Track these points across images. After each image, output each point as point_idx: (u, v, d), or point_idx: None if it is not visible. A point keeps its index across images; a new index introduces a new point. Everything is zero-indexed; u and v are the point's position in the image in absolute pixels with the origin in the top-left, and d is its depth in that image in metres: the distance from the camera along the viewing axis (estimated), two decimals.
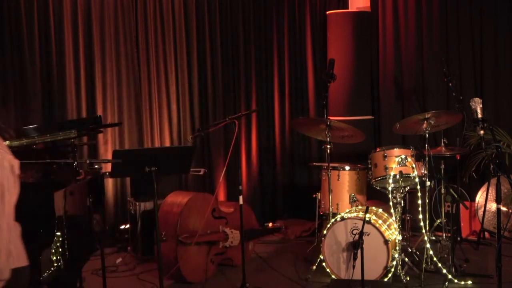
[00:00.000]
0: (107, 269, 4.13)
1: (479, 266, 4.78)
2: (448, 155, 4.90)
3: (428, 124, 4.61)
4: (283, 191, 6.76)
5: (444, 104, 5.92)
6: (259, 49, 6.60)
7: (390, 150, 4.71)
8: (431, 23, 6.18)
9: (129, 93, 6.00)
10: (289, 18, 6.68)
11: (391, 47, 6.40)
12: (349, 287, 4.28)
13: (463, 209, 5.62)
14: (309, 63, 6.77)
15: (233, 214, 4.91)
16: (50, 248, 2.68)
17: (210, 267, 4.74)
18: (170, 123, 6.18)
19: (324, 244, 4.55)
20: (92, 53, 5.82)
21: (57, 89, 5.67)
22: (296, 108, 6.77)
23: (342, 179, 5.10)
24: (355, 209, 4.76)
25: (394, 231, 4.56)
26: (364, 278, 4.14)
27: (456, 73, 5.88)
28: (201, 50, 6.29)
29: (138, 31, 6.01)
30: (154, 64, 6.09)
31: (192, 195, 4.76)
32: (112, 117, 5.91)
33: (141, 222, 5.31)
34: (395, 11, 6.35)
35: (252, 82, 6.58)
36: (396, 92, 6.40)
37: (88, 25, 5.79)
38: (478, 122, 3.62)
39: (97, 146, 5.81)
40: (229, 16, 6.41)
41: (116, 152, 4.10)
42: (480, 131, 3.65)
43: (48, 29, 5.61)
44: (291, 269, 4.92)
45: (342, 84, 6.15)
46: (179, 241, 4.51)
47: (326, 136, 4.81)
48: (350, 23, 6.40)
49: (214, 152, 6.36)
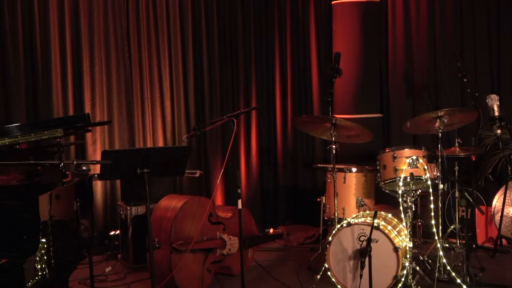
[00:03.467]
0: (95, 278, 4.13)
1: (496, 275, 4.78)
2: (463, 156, 4.91)
3: (441, 122, 4.61)
4: (285, 195, 6.77)
5: (458, 101, 5.94)
6: (259, 42, 6.60)
7: (400, 151, 4.70)
8: (444, 14, 6.19)
9: (120, 89, 6.01)
10: (292, 8, 6.68)
11: (401, 40, 6.40)
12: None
13: (478, 214, 5.63)
14: (313, 57, 6.77)
15: (231, 219, 4.91)
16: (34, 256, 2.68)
17: (206, 276, 4.74)
18: (163, 122, 6.19)
19: (329, 251, 4.56)
20: (79, 46, 5.83)
21: (42, 85, 5.68)
22: (299, 106, 6.78)
23: (348, 181, 5.11)
24: (362, 214, 4.75)
25: (405, 237, 4.56)
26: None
27: (471, 68, 5.89)
28: (197, 43, 6.29)
29: (129, 23, 6.02)
30: (146, 58, 6.10)
31: (187, 199, 4.76)
32: (101, 115, 5.92)
33: (132, 228, 5.31)
34: (406, 1, 6.36)
35: (251, 77, 6.59)
36: (407, 88, 6.41)
37: (76, 16, 5.80)
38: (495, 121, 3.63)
39: (85, 146, 5.83)
40: (227, 5, 6.42)
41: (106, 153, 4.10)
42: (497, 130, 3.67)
43: (33, 21, 5.62)
44: (294, 279, 4.93)
45: (348, 80, 6.17)
46: (173, 249, 4.51)
47: (331, 135, 4.82)
48: (357, 13, 6.40)
49: (211, 152, 6.38)
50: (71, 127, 4.13)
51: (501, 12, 5.92)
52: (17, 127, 3.54)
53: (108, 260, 5.56)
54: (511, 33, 5.91)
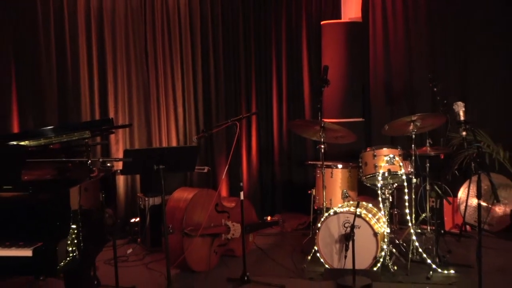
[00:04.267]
0: (118, 259, 4.14)
1: (460, 257, 4.78)
2: (433, 155, 4.91)
3: (415, 126, 4.62)
4: (280, 188, 6.78)
5: (429, 108, 5.93)
6: (259, 56, 6.62)
7: (379, 150, 4.72)
8: (418, 32, 6.19)
9: (139, 97, 6.02)
10: (287, 28, 6.69)
11: (381, 54, 6.41)
12: (341, 275, 4.29)
13: (446, 204, 5.65)
14: (305, 69, 6.78)
15: (234, 208, 4.92)
16: (66, 240, 2.69)
17: (213, 257, 4.75)
18: (176, 125, 6.20)
19: (318, 236, 4.57)
20: (104, 60, 5.84)
21: (72, 94, 5.68)
22: (293, 111, 6.79)
23: (335, 176, 5.12)
24: (347, 204, 4.77)
25: (383, 224, 4.58)
26: (355, 268, 4.15)
27: (442, 79, 5.90)
28: (205, 57, 6.30)
29: (147, 40, 6.03)
30: (161, 70, 6.11)
31: (197, 191, 4.77)
32: (123, 119, 5.92)
33: (150, 216, 5.33)
34: (385, 21, 6.36)
35: (252, 86, 6.60)
36: (386, 96, 6.41)
37: (100, 33, 5.81)
38: (461, 124, 3.63)
39: (109, 145, 5.84)
40: (230, 25, 6.43)
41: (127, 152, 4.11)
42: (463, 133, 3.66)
43: (63, 37, 5.62)
44: (288, 260, 4.93)
45: (335, 89, 6.15)
46: (184, 234, 4.52)
47: (320, 136, 4.82)
48: (343, 32, 6.42)
49: (217, 151, 6.38)
50: (97, 130, 4.13)
51: (468, 32, 5.91)
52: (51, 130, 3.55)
53: (129, 243, 5.57)
54: (475, 51, 5.90)
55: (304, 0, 6.69)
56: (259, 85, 6.64)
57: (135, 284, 4.36)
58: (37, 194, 2.80)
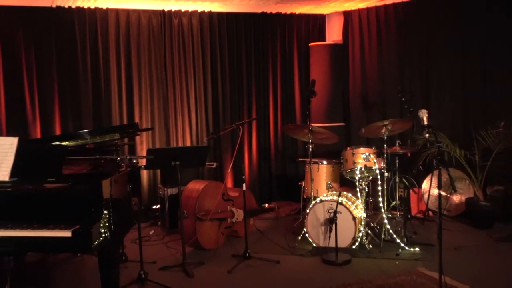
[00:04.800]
0: (142, 238, 4.14)
1: (424, 237, 4.79)
2: (401, 153, 4.91)
3: (386, 129, 4.63)
4: (276, 180, 6.76)
5: (398, 114, 5.92)
6: (258, 72, 6.60)
7: (357, 149, 4.72)
8: (389, 52, 6.18)
9: (159, 105, 6.00)
10: (281, 48, 6.68)
11: (358, 70, 6.39)
12: (326, 252, 4.30)
13: (412, 194, 5.65)
14: (296, 83, 6.76)
15: (238, 197, 4.92)
16: (99, 223, 2.69)
17: (220, 237, 4.76)
18: (190, 128, 6.18)
19: (307, 220, 4.57)
20: (131, 75, 5.83)
21: (104, 102, 5.70)
22: (286, 117, 6.77)
23: (320, 171, 5.12)
24: (330, 193, 4.77)
25: (360, 210, 4.58)
26: (337, 246, 4.16)
27: (408, 91, 5.91)
28: (213, 73, 6.28)
29: (166, 59, 6.01)
30: (178, 83, 6.09)
31: (207, 183, 4.78)
32: (146, 123, 5.91)
33: (168, 203, 5.33)
34: (361, 43, 6.36)
35: (252, 96, 6.58)
36: (362, 104, 6.40)
37: (128, 54, 5.81)
38: (425, 128, 3.62)
39: (135, 145, 5.82)
40: (235, 46, 6.41)
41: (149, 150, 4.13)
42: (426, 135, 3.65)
43: (97, 58, 5.64)
44: (282, 239, 4.93)
45: (321, 99, 6.18)
46: (197, 218, 4.53)
47: (309, 138, 4.83)
48: (327, 52, 6.43)
49: (224, 150, 6.36)
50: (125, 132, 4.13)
51: (429, 52, 5.91)
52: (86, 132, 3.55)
53: (151, 226, 5.57)
54: (435, 67, 5.90)
55: (295, 26, 6.68)
56: (258, 96, 6.62)
57: (156, 259, 4.38)
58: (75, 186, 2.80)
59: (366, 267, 4.08)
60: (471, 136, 5.41)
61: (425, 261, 4.14)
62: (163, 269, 4.15)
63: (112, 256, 2.91)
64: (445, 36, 5.78)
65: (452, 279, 3.67)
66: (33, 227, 2.64)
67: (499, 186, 5.23)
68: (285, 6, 6.33)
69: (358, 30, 6.36)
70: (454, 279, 3.69)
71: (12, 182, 2.78)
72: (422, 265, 4.06)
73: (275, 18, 6.58)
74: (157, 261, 4.32)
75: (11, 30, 5.29)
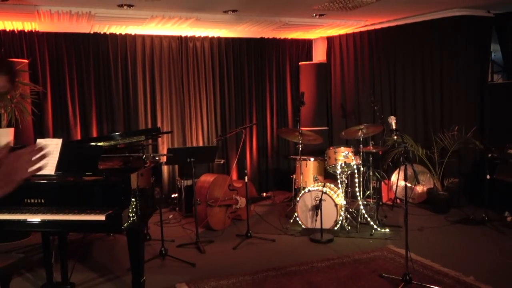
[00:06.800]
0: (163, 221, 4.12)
1: (393, 220, 4.78)
2: (374, 151, 4.91)
3: (362, 132, 4.61)
4: (272, 173, 6.74)
5: (371, 120, 5.91)
6: (257, 85, 6.58)
7: (338, 148, 4.70)
8: (363, 70, 6.16)
9: (177, 112, 5.98)
10: (276, 65, 6.66)
11: (339, 84, 6.37)
12: (313, 233, 4.27)
13: (383, 185, 5.63)
14: (288, 94, 6.74)
15: (241, 187, 4.90)
16: (128, 208, 2.67)
17: (227, 220, 4.74)
18: (202, 131, 6.16)
19: (298, 206, 4.55)
20: (154, 88, 5.81)
21: (133, 110, 5.67)
22: (280, 122, 6.75)
23: (308, 166, 5.11)
24: (316, 185, 4.75)
25: (341, 198, 4.56)
26: (322, 227, 4.13)
27: (379, 101, 5.89)
28: (221, 86, 6.27)
29: (183, 74, 5.99)
30: (192, 95, 6.07)
31: (216, 175, 4.76)
32: (167, 127, 5.89)
33: (185, 193, 5.30)
34: (342, 63, 6.33)
35: (253, 106, 6.56)
36: (342, 112, 6.38)
37: (152, 71, 5.79)
38: (393, 131, 3.61)
39: (157, 145, 5.80)
40: (239, 66, 6.40)
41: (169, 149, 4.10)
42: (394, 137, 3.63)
43: (127, 73, 5.62)
44: (277, 222, 4.92)
45: (309, 107, 6.17)
46: (208, 204, 4.51)
47: (299, 139, 4.82)
48: (313, 69, 6.40)
49: (230, 149, 6.35)
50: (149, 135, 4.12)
51: (396, 68, 5.89)
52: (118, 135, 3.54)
53: (170, 211, 5.55)
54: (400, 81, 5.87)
55: (287, 49, 6.66)
56: (258, 105, 6.60)
57: (174, 238, 4.36)
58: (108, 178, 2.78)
59: (345, 244, 4.06)
60: (431, 138, 5.40)
61: (394, 240, 4.12)
62: (180, 246, 4.13)
63: (138, 236, 2.89)
64: (408, 57, 5.76)
65: (416, 255, 3.66)
66: (74, 212, 2.61)
67: (454, 179, 5.22)
68: (280, 32, 6.32)
69: (339, 52, 6.34)
70: (418, 254, 3.68)
71: (57, 175, 2.76)
72: (392, 243, 4.05)
73: (271, 42, 6.55)
74: (175, 240, 4.30)
75: (57, 52, 5.30)
